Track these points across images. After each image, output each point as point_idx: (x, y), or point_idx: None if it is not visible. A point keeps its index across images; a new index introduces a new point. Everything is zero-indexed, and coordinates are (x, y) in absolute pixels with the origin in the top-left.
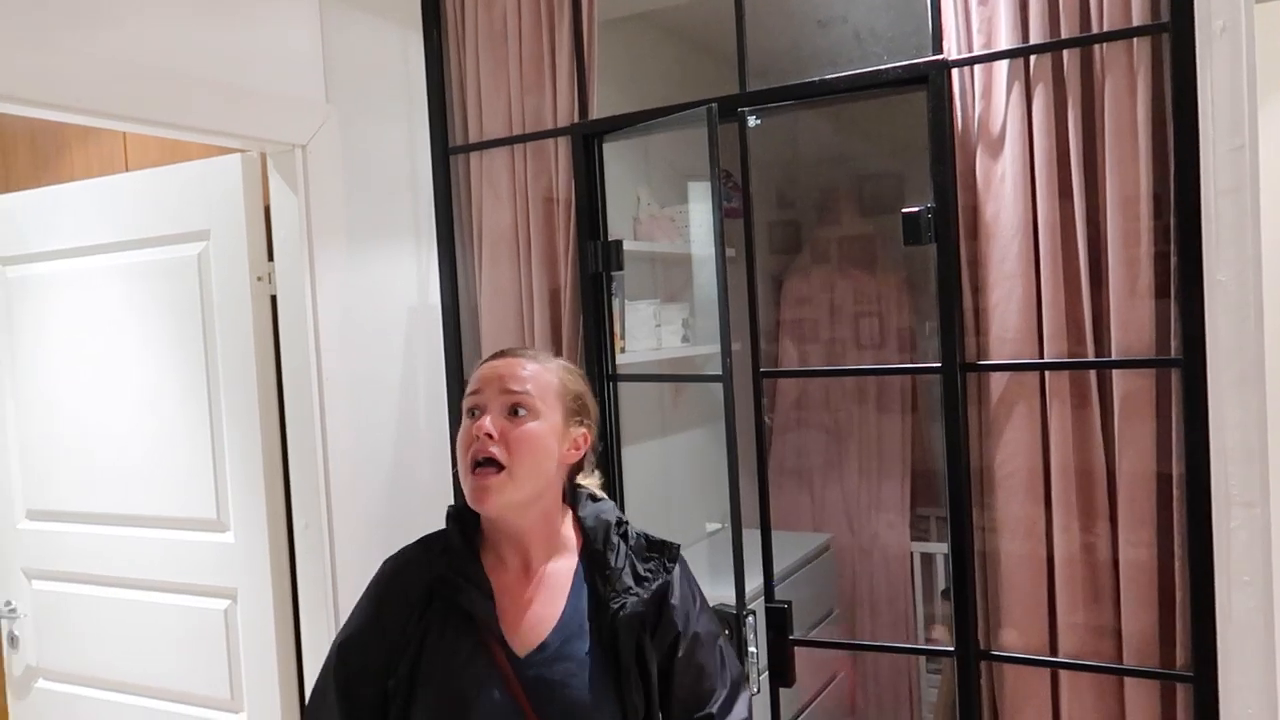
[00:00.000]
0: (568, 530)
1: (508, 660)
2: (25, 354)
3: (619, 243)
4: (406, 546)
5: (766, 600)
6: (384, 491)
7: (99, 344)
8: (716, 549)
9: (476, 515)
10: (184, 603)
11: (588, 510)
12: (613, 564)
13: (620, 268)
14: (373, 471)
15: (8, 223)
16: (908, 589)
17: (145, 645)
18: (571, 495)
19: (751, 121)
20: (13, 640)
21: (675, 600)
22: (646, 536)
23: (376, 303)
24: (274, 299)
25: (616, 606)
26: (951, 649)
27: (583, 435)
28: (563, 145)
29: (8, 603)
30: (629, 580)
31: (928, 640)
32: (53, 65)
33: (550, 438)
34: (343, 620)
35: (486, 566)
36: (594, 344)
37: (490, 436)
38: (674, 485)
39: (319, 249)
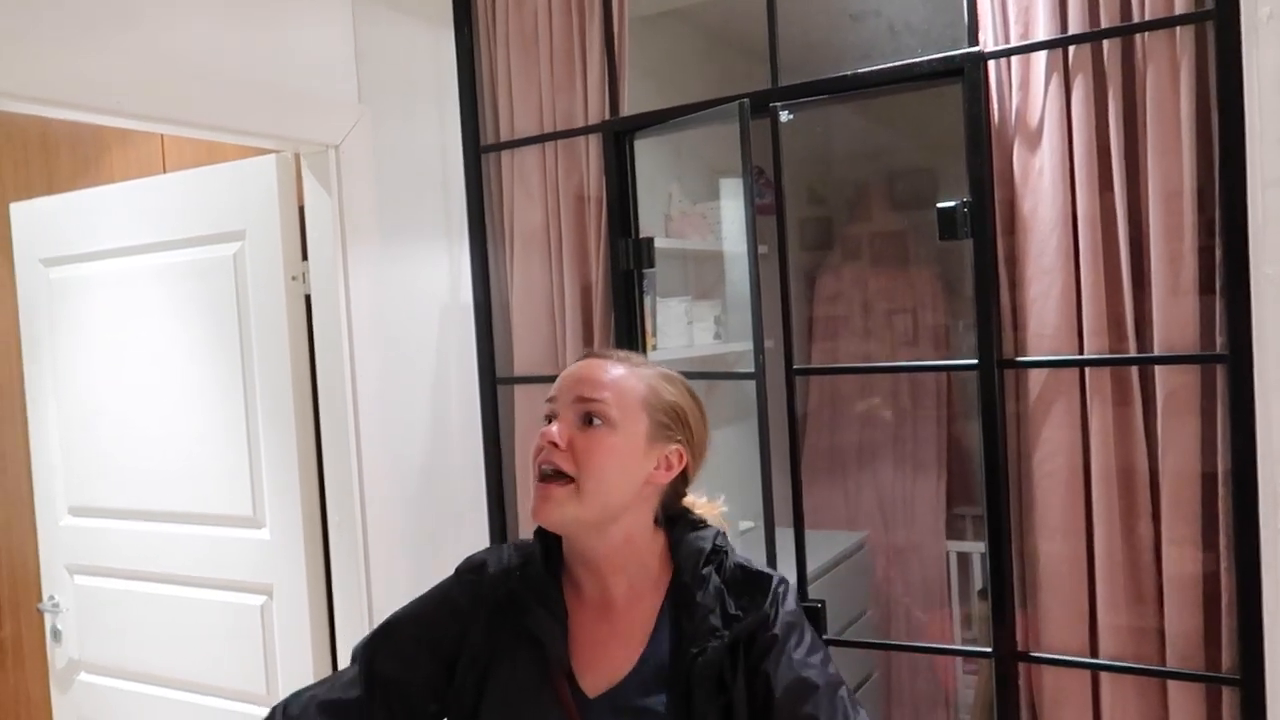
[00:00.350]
0: (659, 560)
1: (575, 701)
2: (67, 354)
3: (650, 240)
4: (489, 548)
5: (800, 599)
6: (417, 489)
7: (138, 343)
8: (749, 548)
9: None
10: (221, 598)
11: (681, 537)
12: (698, 600)
13: (652, 265)
14: (406, 469)
15: (51, 225)
16: (943, 589)
17: (183, 639)
18: (668, 521)
19: (784, 117)
20: (55, 634)
21: (770, 643)
22: (744, 567)
23: (409, 301)
24: (308, 298)
25: (695, 652)
26: (989, 650)
27: (675, 453)
28: (594, 142)
29: (51, 597)
30: (716, 620)
31: (964, 641)
32: (93, 69)
33: (628, 452)
34: (377, 617)
35: (565, 593)
36: (625, 341)
37: (555, 445)
38: (707, 483)
39: (352, 248)
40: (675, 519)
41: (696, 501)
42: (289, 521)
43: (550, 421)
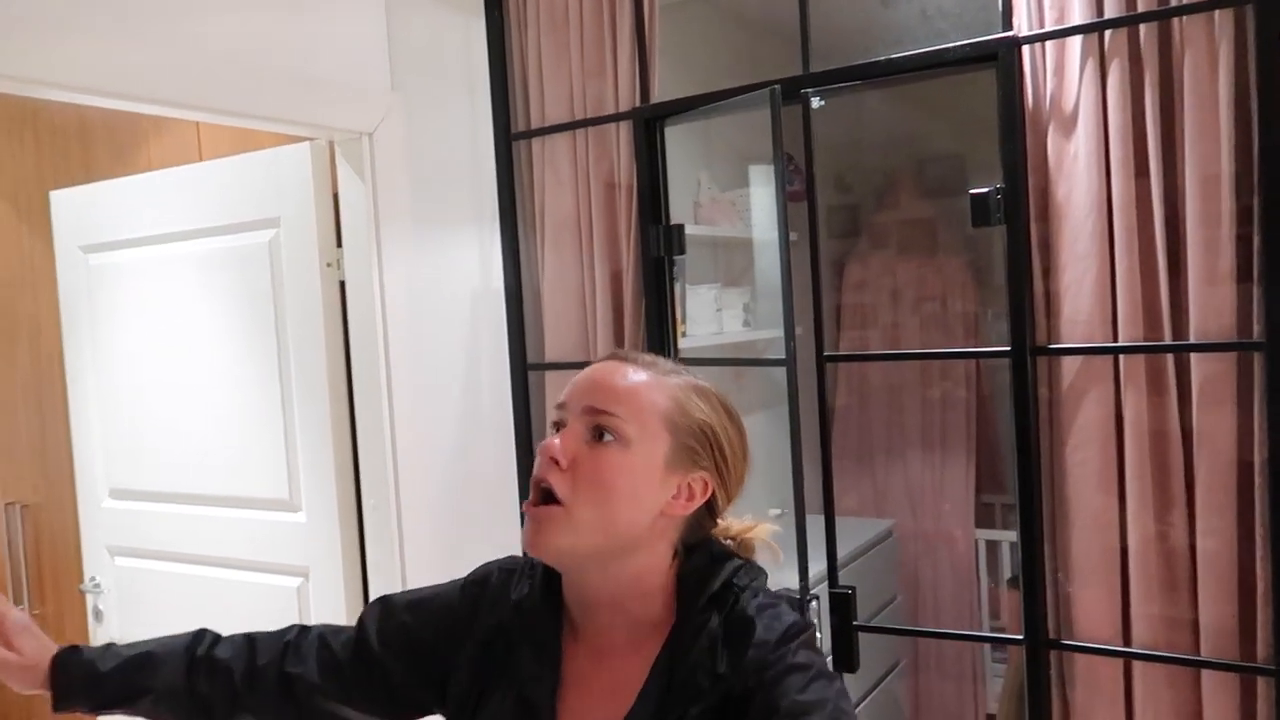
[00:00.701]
0: (665, 599)
1: None
2: (107, 339)
3: (680, 227)
4: (506, 560)
5: (830, 585)
6: (449, 473)
7: (176, 329)
8: (778, 534)
9: None
10: (258, 580)
11: (690, 573)
12: (689, 652)
13: (682, 252)
14: (438, 454)
15: (89, 212)
16: (972, 576)
17: (221, 620)
18: (686, 551)
19: (815, 103)
20: (97, 614)
21: (769, 709)
22: (758, 611)
23: (441, 287)
24: (343, 284)
25: (675, 718)
26: (1020, 637)
27: (700, 481)
28: (624, 129)
29: (92, 578)
30: (703, 679)
31: (992, 630)
32: (130, 58)
33: (641, 477)
34: None
35: (565, 632)
36: (655, 328)
37: (555, 462)
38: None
39: (385, 235)
40: (694, 548)
41: (732, 524)
42: (324, 505)
43: (558, 431)
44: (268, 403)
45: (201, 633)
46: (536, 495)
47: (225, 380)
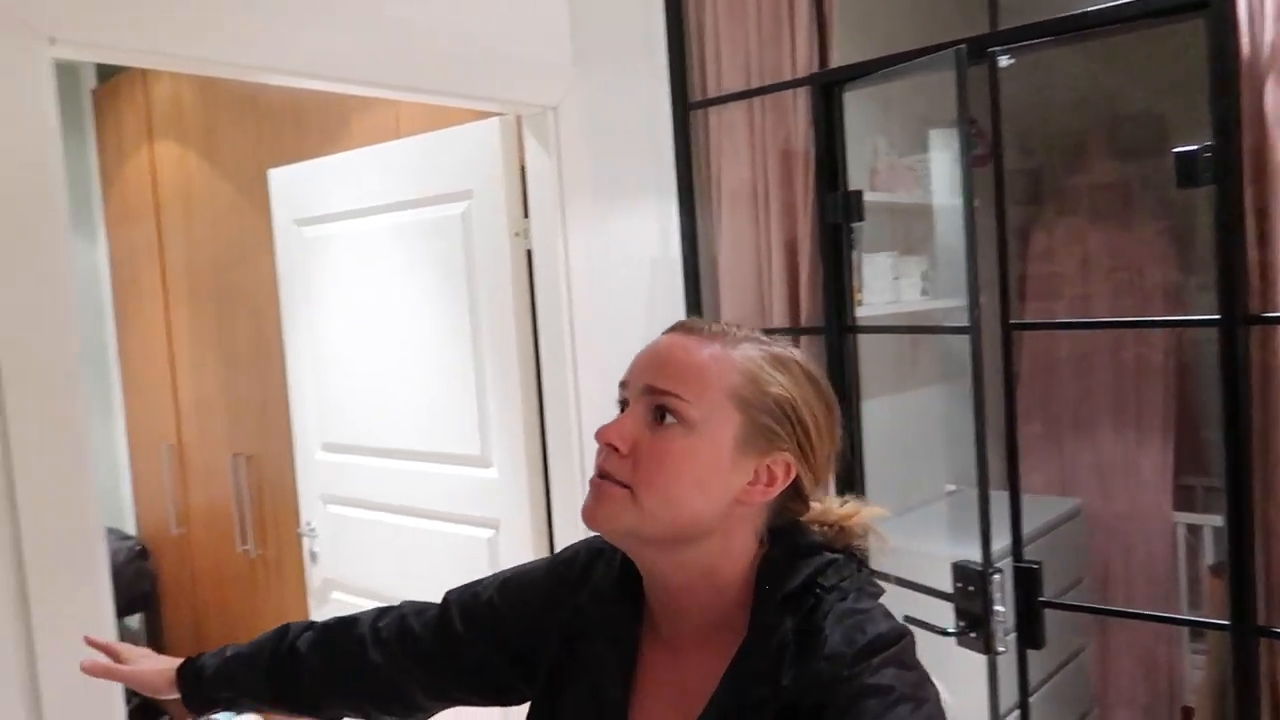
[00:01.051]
0: (745, 594)
1: None
2: (319, 305)
3: (859, 193)
4: (593, 541)
5: (1015, 560)
6: None
7: (378, 295)
8: (956, 509)
9: None
10: (452, 530)
11: (771, 566)
12: (755, 658)
13: (861, 219)
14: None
15: (302, 188)
16: (1169, 561)
17: (418, 566)
18: (772, 537)
19: (1003, 62)
20: (313, 556)
21: None
22: (841, 616)
23: (621, 256)
24: (529, 253)
25: None
26: (1226, 623)
27: (781, 464)
28: (801, 96)
29: (308, 523)
30: (764, 690)
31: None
32: (337, 44)
33: (705, 462)
34: None
35: (644, 623)
36: (833, 296)
37: (615, 449)
38: (910, 443)
39: (570, 205)
40: (781, 534)
41: (830, 508)
42: (514, 462)
43: (623, 411)
44: (461, 364)
45: (285, 629)
46: (596, 471)
47: (423, 343)
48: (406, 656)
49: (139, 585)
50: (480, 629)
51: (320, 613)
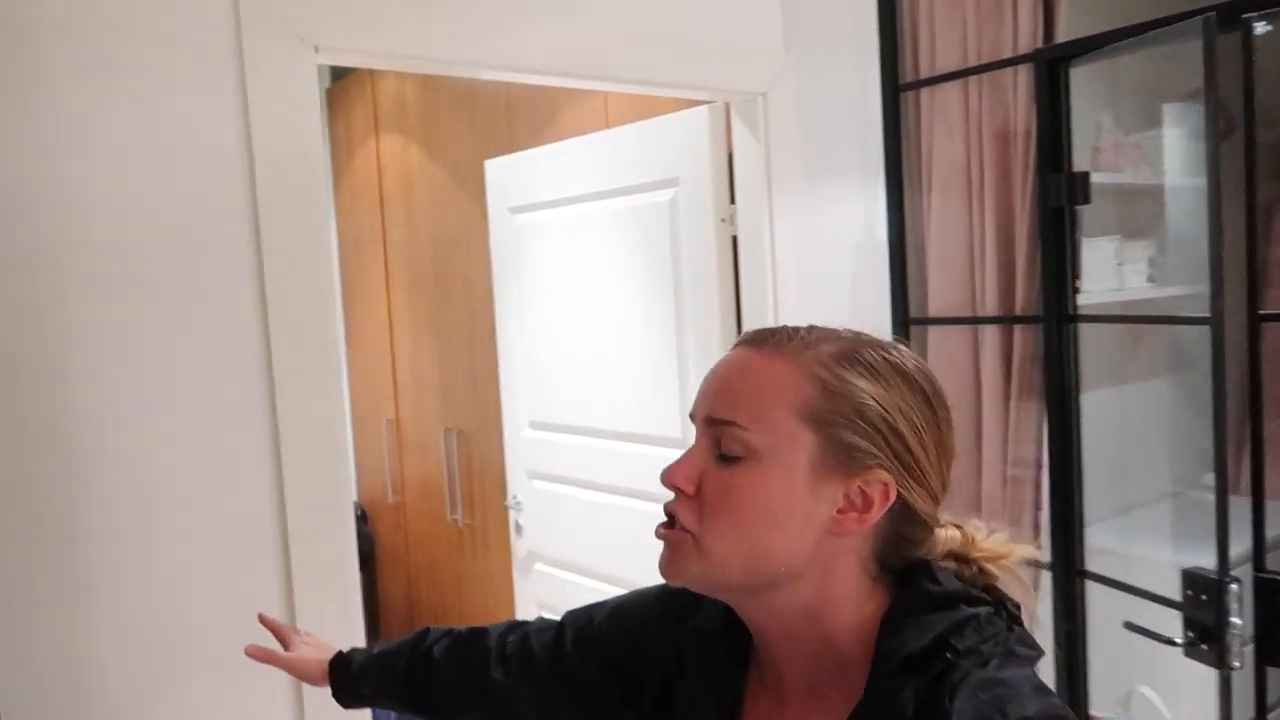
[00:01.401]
0: (862, 644)
1: None
2: (529, 289)
3: (1085, 175)
4: None
5: (1255, 569)
6: None
7: (586, 280)
8: (1180, 512)
9: None
10: (651, 509)
11: (897, 616)
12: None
13: (1086, 200)
14: None
15: (515, 177)
16: None
17: (616, 542)
18: (901, 578)
19: (1259, 29)
20: (518, 528)
21: None
22: (980, 687)
23: (827, 241)
24: (735, 239)
25: None
26: None
27: (877, 485)
28: (1022, 74)
29: (514, 497)
30: None
31: None
32: (554, 38)
33: (777, 495)
34: None
35: (750, 667)
36: (1053, 282)
37: (681, 491)
38: (1129, 440)
39: (777, 191)
40: (908, 577)
41: (970, 538)
42: None
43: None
44: (665, 348)
45: (425, 632)
46: (666, 519)
47: (628, 327)
48: (522, 675)
49: (360, 546)
50: (589, 654)
51: (523, 583)
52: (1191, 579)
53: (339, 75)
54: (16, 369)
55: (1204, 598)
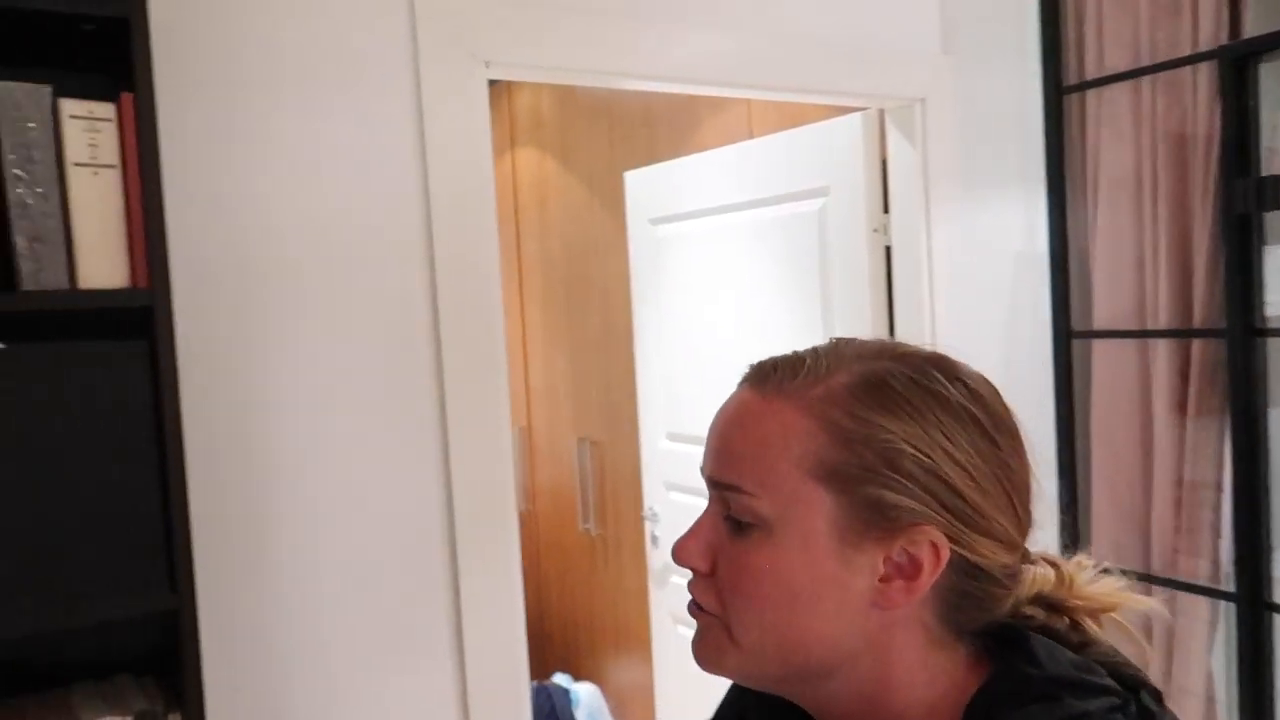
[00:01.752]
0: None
1: None
2: (668, 300)
3: (1276, 179)
4: None
5: None
6: None
7: (728, 291)
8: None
9: None
10: None
11: (983, 702)
12: None
13: (1277, 206)
14: None
15: (655, 189)
16: None
17: None
18: (1000, 642)
19: None
20: (654, 540)
21: None
22: None
23: (985, 251)
24: (888, 249)
25: None
26: None
27: (925, 543)
28: (1203, 73)
29: (650, 508)
30: None
31: None
32: (715, 49)
33: (798, 572)
34: None
35: None
36: (1239, 293)
37: (695, 570)
38: None
39: (934, 200)
40: (1003, 644)
41: (1072, 580)
42: None
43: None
44: None
45: None
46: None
47: (772, 340)
48: None
49: None
50: None
51: (659, 595)
52: None
53: None
54: (215, 375)
55: None
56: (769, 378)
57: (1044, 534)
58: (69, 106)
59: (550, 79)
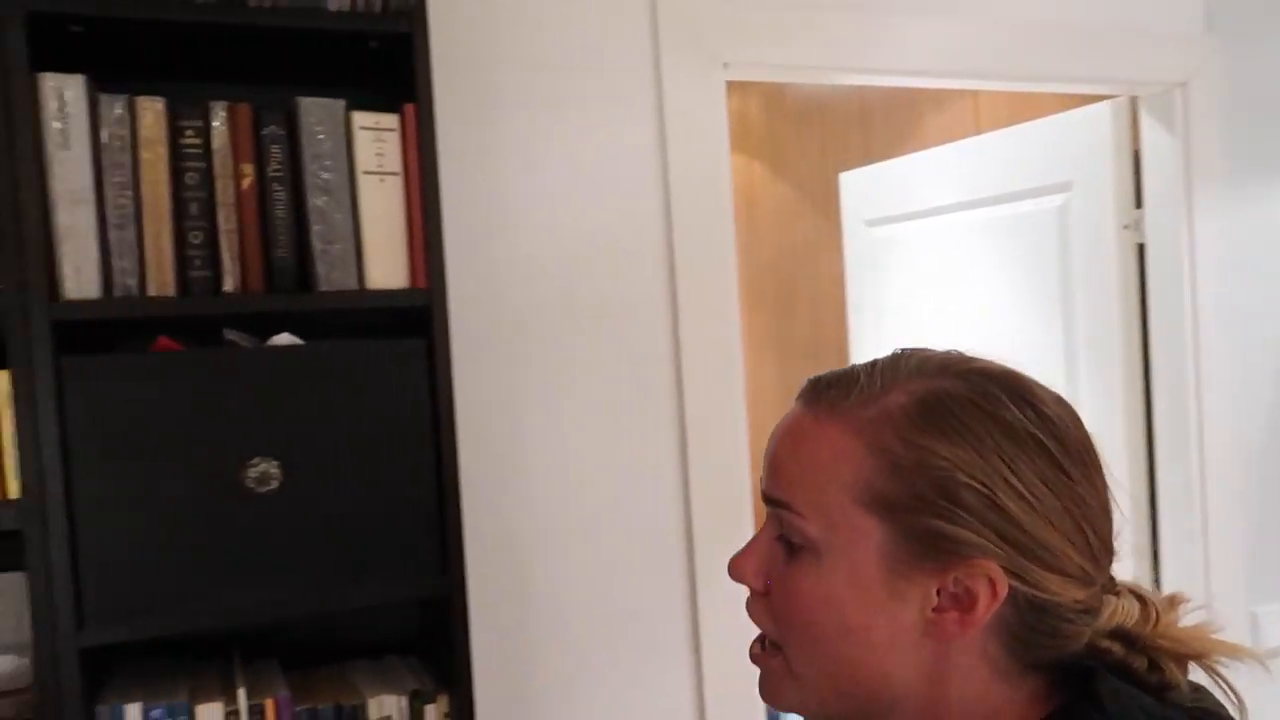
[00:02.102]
0: None
1: None
2: (885, 302)
3: None
4: None
5: None
6: (1259, 470)
7: (954, 293)
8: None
9: None
10: None
11: None
12: None
13: None
14: (1246, 448)
15: (872, 190)
16: None
17: None
18: (1080, 677)
19: None
20: None
21: None
22: None
23: (1256, 249)
24: (1140, 247)
25: None
26: None
27: (981, 576)
28: None
29: None
30: None
31: None
32: (954, 39)
33: (848, 597)
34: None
35: None
36: None
37: (751, 587)
38: None
39: (1197, 192)
40: (1082, 678)
41: (1158, 617)
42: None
43: None
44: (1050, 368)
45: None
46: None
47: (1003, 345)
48: None
49: None
50: None
51: None
52: None
53: None
54: (481, 373)
55: None
56: (822, 395)
57: None
58: (359, 118)
59: (787, 78)
